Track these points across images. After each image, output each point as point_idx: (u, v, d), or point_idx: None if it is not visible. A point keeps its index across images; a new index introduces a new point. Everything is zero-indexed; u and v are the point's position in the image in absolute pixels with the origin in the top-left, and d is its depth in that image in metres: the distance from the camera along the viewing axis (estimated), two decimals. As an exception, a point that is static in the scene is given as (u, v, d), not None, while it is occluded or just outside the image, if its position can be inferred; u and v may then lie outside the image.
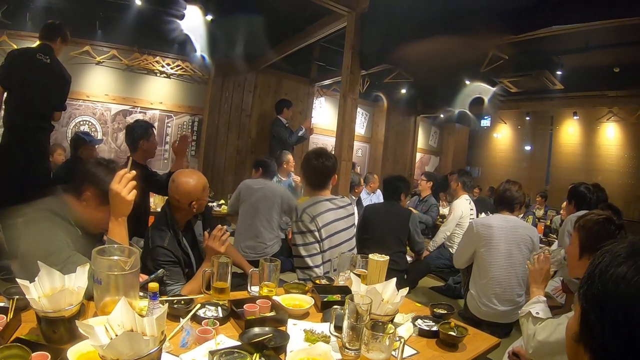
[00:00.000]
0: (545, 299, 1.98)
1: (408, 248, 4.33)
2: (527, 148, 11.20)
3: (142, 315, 1.22)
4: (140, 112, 6.41)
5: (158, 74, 6.53)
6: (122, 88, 6.28)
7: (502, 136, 11.82)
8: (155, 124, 6.17)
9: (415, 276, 4.59)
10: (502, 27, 4.23)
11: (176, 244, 2.26)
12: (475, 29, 4.28)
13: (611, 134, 9.62)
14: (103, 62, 6.09)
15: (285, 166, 5.40)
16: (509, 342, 2.22)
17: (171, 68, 6.57)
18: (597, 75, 7.31)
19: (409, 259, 4.46)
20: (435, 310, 2.02)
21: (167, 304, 1.33)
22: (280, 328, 1.65)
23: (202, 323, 1.58)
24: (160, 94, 6.59)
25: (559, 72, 7.21)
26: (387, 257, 2.17)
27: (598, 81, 7.46)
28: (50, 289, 1.35)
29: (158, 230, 2.26)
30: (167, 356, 1.33)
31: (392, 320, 1.77)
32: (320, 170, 2.72)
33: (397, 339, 1.42)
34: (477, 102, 9.22)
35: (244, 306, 1.74)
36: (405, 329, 1.76)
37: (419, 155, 10.84)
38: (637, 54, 4.66)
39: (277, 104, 7.01)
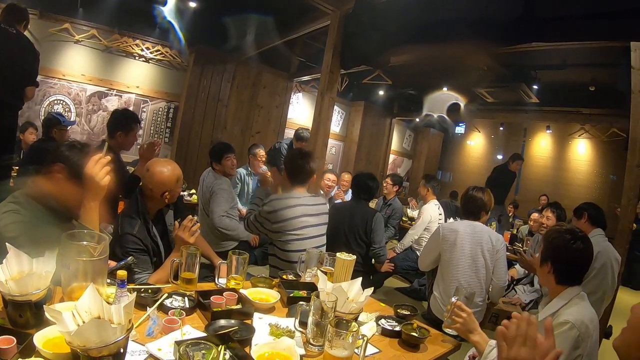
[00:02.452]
0: None
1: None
2: (499, 157, 11.36)
3: (109, 303, 1.21)
4: (116, 95, 6.31)
5: (137, 58, 6.44)
6: (99, 69, 6.16)
7: (476, 144, 12.00)
8: (131, 108, 6.08)
9: (380, 277, 4.60)
10: (483, 39, 4.32)
11: (145, 232, 2.24)
12: (457, 40, 4.37)
13: (582, 150, 9.89)
14: (82, 41, 5.98)
15: (252, 159, 5.35)
16: (470, 345, 2.28)
17: (150, 52, 6.48)
18: (573, 92, 7.52)
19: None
20: (398, 310, 2.06)
21: (135, 292, 1.33)
22: (246, 321, 1.66)
23: (169, 313, 1.58)
24: (137, 77, 6.50)
25: (535, 86, 7.39)
26: (354, 257, 2.22)
27: (573, 98, 7.67)
28: (17, 272, 1.33)
29: (128, 218, 2.24)
30: (133, 344, 1.33)
31: (356, 319, 1.81)
32: (304, 170, 2.90)
33: (360, 337, 1.45)
34: (453, 109, 9.39)
35: (211, 298, 1.75)
36: (369, 328, 1.79)
37: (392, 157, 10.94)
38: (613, 74, 4.83)
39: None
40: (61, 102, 5.96)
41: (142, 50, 6.40)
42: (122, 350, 1.11)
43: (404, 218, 6.29)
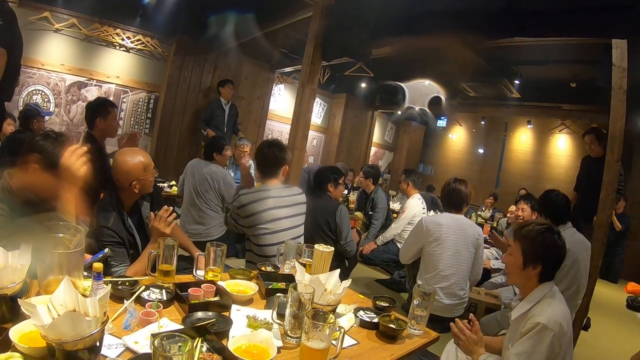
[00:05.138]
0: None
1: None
2: (481, 151, 11.53)
3: (85, 296, 1.21)
4: (95, 85, 6.21)
5: (117, 47, 6.33)
6: (79, 59, 6.05)
7: (457, 137, 12.10)
8: (110, 98, 5.98)
9: (347, 270, 4.51)
10: (465, 33, 4.34)
11: (121, 225, 2.21)
12: (439, 33, 4.38)
13: (562, 145, 10.04)
14: (62, 30, 5.86)
15: (237, 152, 5.39)
16: (450, 337, 2.32)
17: (131, 42, 6.38)
18: (554, 88, 7.63)
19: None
20: (377, 302, 2.07)
21: (111, 284, 1.32)
22: (223, 313, 1.66)
23: (146, 305, 1.57)
24: (117, 67, 6.40)
25: (517, 82, 7.48)
26: (332, 248, 2.21)
27: (554, 94, 7.80)
28: (-7, 266, 1.31)
29: (103, 211, 2.21)
30: (110, 338, 1.32)
31: (334, 311, 1.82)
32: (271, 159, 2.85)
33: (337, 328, 1.45)
34: (435, 103, 9.44)
35: (189, 290, 1.74)
36: (347, 320, 1.80)
37: (373, 150, 10.97)
38: (594, 71, 4.93)
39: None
40: (40, 92, 5.85)
41: (122, 39, 6.30)
42: (97, 344, 1.11)
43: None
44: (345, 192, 6.72)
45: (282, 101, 8.81)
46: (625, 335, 4.45)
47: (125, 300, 1.51)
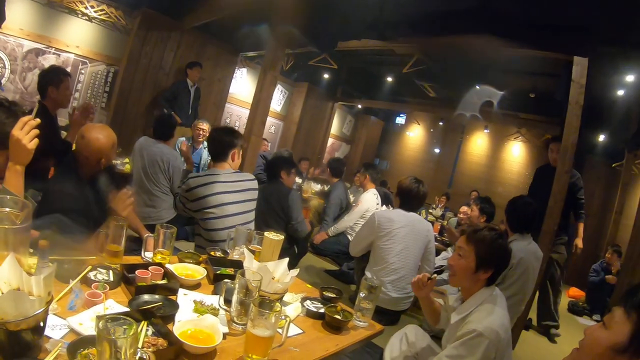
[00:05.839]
0: None
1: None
2: (436, 151, 11.75)
3: (30, 274, 1.19)
4: (54, 54, 5.94)
5: (80, 16, 6.05)
6: (38, 24, 5.74)
7: (415, 136, 12.29)
8: (68, 69, 5.75)
9: (296, 257, 4.55)
10: (427, 35, 4.44)
11: (76, 202, 2.17)
12: (406, 33, 4.46)
13: (516, 152, 10.36)
14: (24, -8, 5.55)
15: (195, 132, 5.34)
16: (395, 330, 2.39)
17: (95, 11, 6.12)
18: (513, 97, 7.85)
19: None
20: (324, 293, 2.10)
21: (56, 263, 1.30)
22: (170, 297, 1.65)
23: (92, 286, 1.54)
24: (78, 37, 6.12)
25: (477, 87, 7.66)
26: (282, 237, 2.22)
27: (513, 102, 8.02)
28: None
29: (59, 185, 2.17)
30: (54, 318, 1.30)
31: (281, 299, 1.85)
32: (219, 143, 2.87)
33: (283, 317, 1.47)
34: (396, 100, 9.61)
35: (136, 272, 1.72)
36: (294, 309, 1.83)
37: (330, 141, 11.00)
38: (553, 85, 5.17)
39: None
40: (-5, 56, 5.57)
41: (86, 7, 6.03)
42: (41, 324, 1.09)
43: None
44: (299, 180, 6.75)
45: (243, 85, 8.67)
46: (565, 337, 4.67)
47: (71, 280, 1.48)
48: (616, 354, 1.10)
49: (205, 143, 5.28)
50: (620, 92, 6.16)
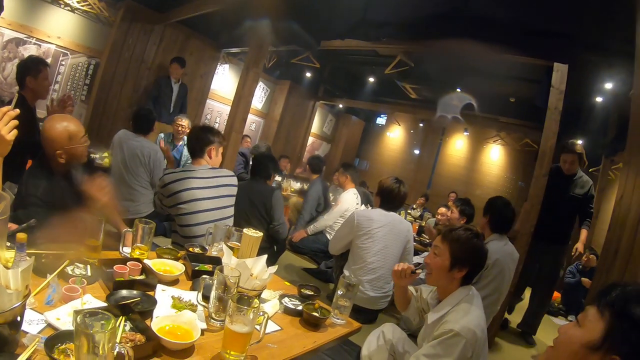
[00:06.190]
0: None
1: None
2: (416, 152, 11.83)
3: (7, 267, 1.16)
4: (35, 44, 5.80)
5: (62, 6, 5.92)
6: (20, 13, 5.60)
7: (395, 136, 12.35)
8: (49, 60, 5.65)
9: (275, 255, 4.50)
10: (410, 37, 4.49)
11: (51, 194, 2.14)
12: (387, 34, 4.50)
13: (495, 155, 10.51)
14: (6, -19, 5.41)
15: (175, 128, 5.31)
16: (373, 328, 2.42)
17: (77, 2, 5.99)
18: (494, 100, 7.98)
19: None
20: (302, 290, 2.13)
21: (34, 257, 1.29)
22: (148, 292, 1.65)
23: (70, 281, 1.53)
24: (60, 27, 6.00)
25: (458, 89, 7.76)
26: (261, 234, 2.23)
27: (493, 106, 8.15)
28: None
29: (33, 178, 2.13)
30: (31, 313, 1.29)
31: (259, 296, 1.86)
32: (196, 139, 2.91)
33: (262, 313, 1.48)
34: (377, 100, 9.66)
35: (114, 267, 1.71)
36: (272, 306, 1.84)
37: (311, 140, 11.00)
38: (534, 90, 5.27)
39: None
40: (-27, 45, 5.43)
41: (69, -3, 5.93)
42: (18, 319, 1.08)
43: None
44: (279, 178, 6.76)
45: (225, 81, 8.62)
46: (541, 336, 4.74)
47: (48, 275, 1.47)
48: (589, 352, 1.13)
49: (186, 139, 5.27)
50: (599, 99, 6.31)
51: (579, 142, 6.18)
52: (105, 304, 1.46)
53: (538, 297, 4.59)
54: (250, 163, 5.47)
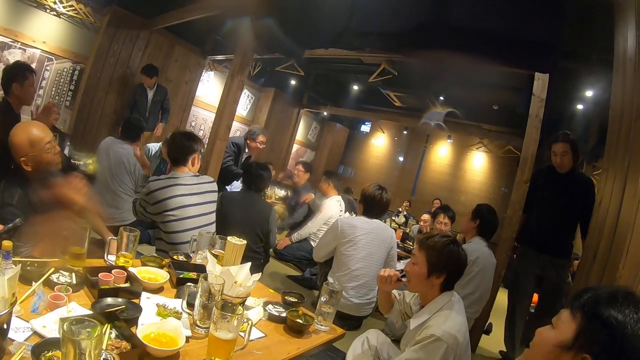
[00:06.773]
0: None
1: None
2: (400, 159, 11.94)
3: None
4: (20, 49, 5.74)
5: (48, 10, 5.87)
6: (6, 18, 5.53)
7: (379, 144, 12.45)
8: (34, 65, 5.60)
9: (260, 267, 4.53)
10: (393, 46, 4.54)
11: (27, 203, 2.11)
12: (371, 43, 4.55)
13: (479, 162, 10.64)
14: (-9, -15, 5.36)
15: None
16: (357, 334, 2.45)
17: (63, 6, 5.95)
18: (477, 108, 8.09)
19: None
20: (286, 297, 2.15)
21: (20, 265, 1.30)
22: (133, 300, 1.66)
23: (55, 289, 1.54)
24: (45, 32, 5.94)
25: (442, 97, 7.86)
26: (245, 242, 2.25)
27: (476, 113, 8.26)
28: None
29: (9, 187, 2.10)
30: (17, 321, 1.29)
31: (243, 303, 1.87)
32: (178, 148, 2.91)
33: (246, 320, 1.50)
34: (362, 108, 9.73)
35: (99, 275, 1.71)
36: (256, 313, 1.86)
37: (295, 147, 11.03)
38: (516, 98, 5.37)
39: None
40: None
41: (54, 2, 5.85)
42: (5, 327, 1.09)
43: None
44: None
45: (209, 88, 8.61)
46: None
47: (33, 282, 1.48)
48: (562, 351, 1.18)
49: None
50: (580, 106, 6.44)
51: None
52: (90, 312, 1.46)
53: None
54: (242, 160, 5.49)
